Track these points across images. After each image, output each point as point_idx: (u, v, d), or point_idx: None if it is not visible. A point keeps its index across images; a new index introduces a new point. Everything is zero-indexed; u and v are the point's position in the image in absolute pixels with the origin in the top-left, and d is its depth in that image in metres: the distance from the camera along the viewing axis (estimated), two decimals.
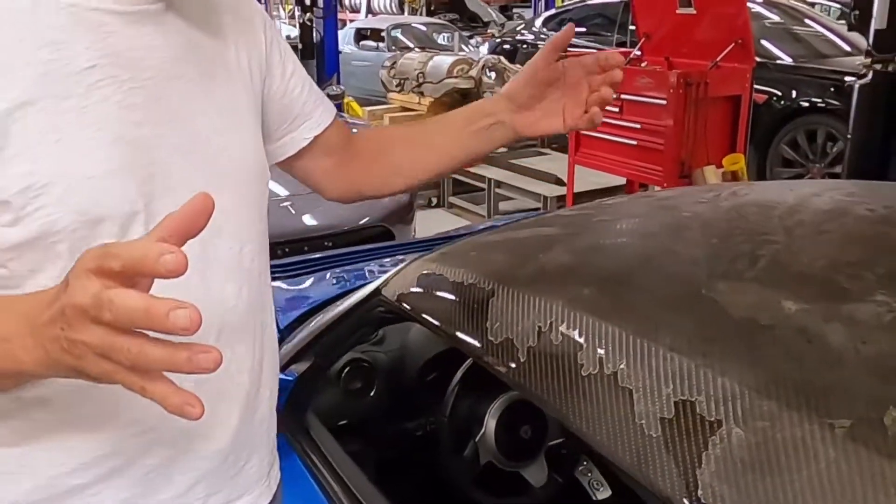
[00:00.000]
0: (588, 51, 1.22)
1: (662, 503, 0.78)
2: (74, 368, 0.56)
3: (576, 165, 4.73)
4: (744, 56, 4.04)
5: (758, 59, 4.26)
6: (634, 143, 4.22)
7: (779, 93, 5.80)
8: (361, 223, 3.21)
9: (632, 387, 0.87)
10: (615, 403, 0.87)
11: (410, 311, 1.28)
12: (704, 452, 0.77)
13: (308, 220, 3.13)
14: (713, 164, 3.99)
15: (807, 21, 6.75)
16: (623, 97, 4.12)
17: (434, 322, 1.23)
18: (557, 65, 1.00)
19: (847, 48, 6.23)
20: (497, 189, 5.62)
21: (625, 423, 0.85)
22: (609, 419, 0.87)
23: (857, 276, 0.99)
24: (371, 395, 1.61)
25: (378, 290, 1.36)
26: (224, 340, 0.80)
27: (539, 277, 1.14)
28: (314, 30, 7.39)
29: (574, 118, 1.00)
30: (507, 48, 8.76)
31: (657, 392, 0.84)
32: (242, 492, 0.89)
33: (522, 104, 1.02)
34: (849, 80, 4.78)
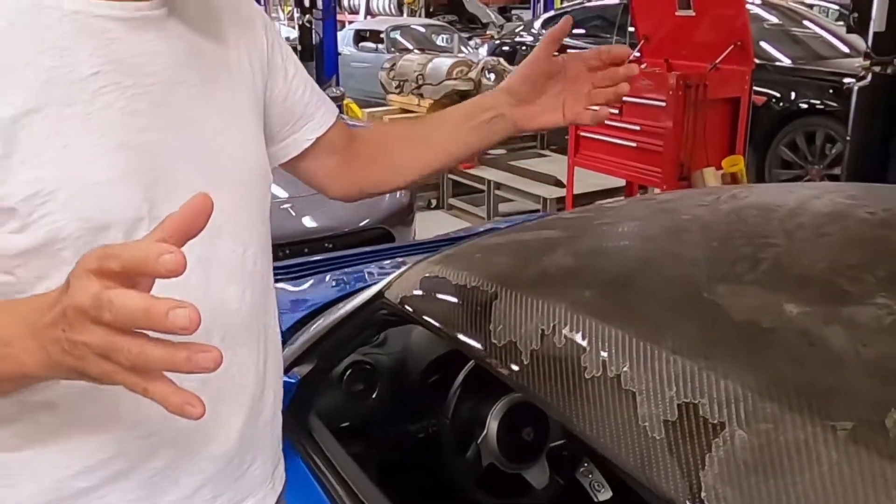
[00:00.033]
0: None
1: None
2: (75, 370, 0.56)
3: (575, 167, 4.72)
4: (743, 58, 4.04)
5: (757, 61, 4.26)
6: (634, 145, 4.22)
7: (778, 95, 5.80)
8: (361, 225, 3.22)
9: (635, 389, 0.87)
10: (618, 406, 0.88)
11: (414, 314, 1.28)
12: (707, 455, 0.77)
13: (308, 222, 3.13)
14: (712, 166, 3.99)
15: (805, 23, 6.76)
16: (622, 99, 4.11)
17: (437, 325, 1.23)
18: (557, 58, 1.00)
19: (846, 50, 6.24)
20: (496, 191, 5.62)
21: (628, 426, 0.85)
22: (612, 422, 0.87)
23: (858, 279, 0.99)
24: (373, 398, 1.62)
25: (381, 293, 1.36)
26: (228, 343, 0.80)
27: (542, 280, 1.14)
28: (313, 31, 7.37)
29: (574, 112, 1.00)
30: (507, 50, 8.75)
31: (660, 395, 0.85)
32: (247, 494, 0.89)
33: (522, 98, 1.02)
34: (847, 82, 4.79)
